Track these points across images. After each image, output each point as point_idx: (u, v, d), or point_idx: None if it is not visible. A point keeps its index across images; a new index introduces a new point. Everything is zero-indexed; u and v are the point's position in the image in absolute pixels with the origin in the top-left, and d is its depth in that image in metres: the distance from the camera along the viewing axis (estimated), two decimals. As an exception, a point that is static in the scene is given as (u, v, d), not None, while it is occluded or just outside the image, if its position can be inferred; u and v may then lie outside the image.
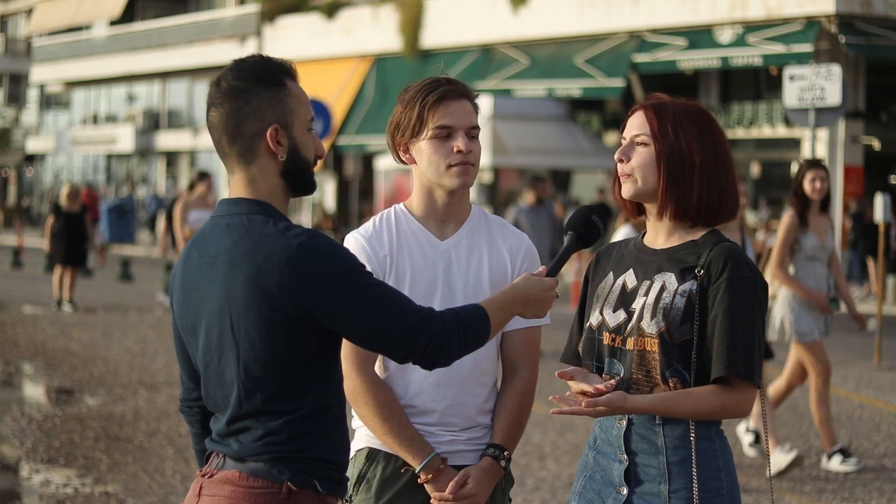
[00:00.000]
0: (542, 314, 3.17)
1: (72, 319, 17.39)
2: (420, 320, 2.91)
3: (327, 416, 2.96)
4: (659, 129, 3.33)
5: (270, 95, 2.97)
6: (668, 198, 3.32)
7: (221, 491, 2.95)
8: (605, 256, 3.51)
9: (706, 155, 3.32)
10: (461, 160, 3.52)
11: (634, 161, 3.35)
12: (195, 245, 3.02)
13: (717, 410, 3.24)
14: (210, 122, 3.01)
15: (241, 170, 2.99)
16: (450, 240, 3.60)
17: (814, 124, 15.43)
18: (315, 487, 2.94)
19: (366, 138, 32.85)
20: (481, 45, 31.66)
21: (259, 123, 2.96)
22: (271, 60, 3.03)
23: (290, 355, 2.90)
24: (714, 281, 3.26)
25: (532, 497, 7.74)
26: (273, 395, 2.91)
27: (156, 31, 44.57)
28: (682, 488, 3.27)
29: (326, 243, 2.89)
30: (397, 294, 2.95)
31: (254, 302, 2.88)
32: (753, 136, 28.29)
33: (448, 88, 3.53)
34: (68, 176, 52.18)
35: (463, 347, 2.98)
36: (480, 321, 3.01)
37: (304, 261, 2.86)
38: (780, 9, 25.71)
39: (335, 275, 2.87)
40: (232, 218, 2.96)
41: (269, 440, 2.92)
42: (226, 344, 2.93)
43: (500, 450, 3.54)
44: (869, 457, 9.21)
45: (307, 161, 3.02)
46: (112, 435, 9.53)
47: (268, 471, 2.92)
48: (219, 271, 2.94)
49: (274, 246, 2.87)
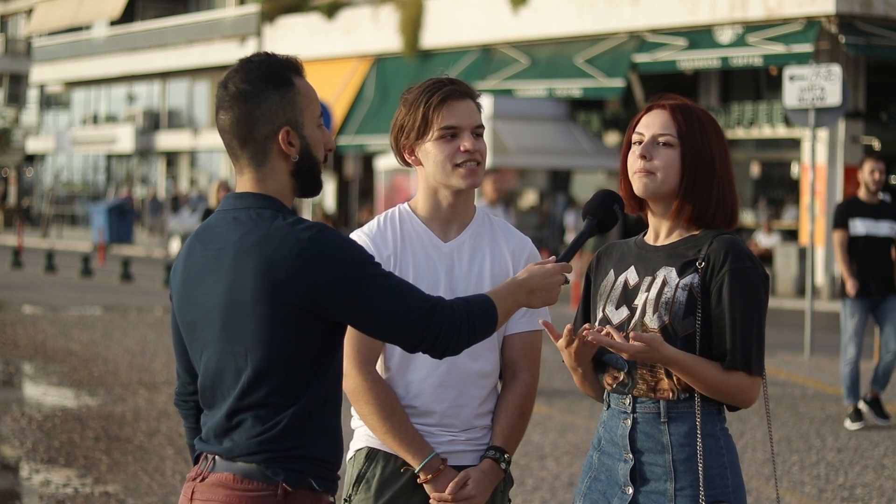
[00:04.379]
0: (551, 300, 3.18)
1: (72, 319, 17.39)
2: (429, 309, 2.92)
3: (324, 412, 2.96)
4: (687, 131, 3.33)
5: (280, 97, 2.96)
6: (686, 201, 3.33)
7: (215, 495, 2.92)
8: (606, 255, 3.52)
9: (722, 161, 3.35)
10: (468, 160, 3.52)
11: (659, 160, 3.34)
12: (199, 238, 3.01)
13: (730, 391, 3.26)
14: (220, 125, 3.00)
15: (252, 171, 2.99)
16: (453, 241, 3.60)
17: (814, 124, 15.43)
18: (311, 486, 2.93)
19: (366, 138, 32.85)
20: (481, 45, 31.66)
21: (270, 126, 2.96)
22: (277, 59, 3.01)
23: (296, 348, 2.90)
24: (716, 273, 3.27)
25: (532, 497, 7.74)
26: (276, 388, 2.91)
27: (156, 31, 44.57)
28: (688, 486, 3.27)
29: (336, 236, 2.90)
30: (407, 284, 2.96)
31: (263, 294, 2.87)
32: (753, 136, 28.28)
33: (451, 89, 3.53)
34: (68, 176, 52.21)
35: (472, 337, 3.00)
36: (489, 310, 3.02)
37: (316, 253, 2.86)
38: (780, 9, 25.71)
39: (346, 266, 2.88)
40: (239, 212, 2.96)
41: (264, 437, 2.90)
42: (231, 336, 2.92)
43: (501, 452, 3.54)
44: (869, 457, 9.21)
45: (317, 160, 3.03)
46: (112, 435, 9.53)
47: (262, 472, 2.90)
48: (224, 264, 2.93)
49: (285, 239, 2.87)
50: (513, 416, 3.58)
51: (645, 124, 3.39)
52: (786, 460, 8.99)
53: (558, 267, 3.18)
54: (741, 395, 3.27)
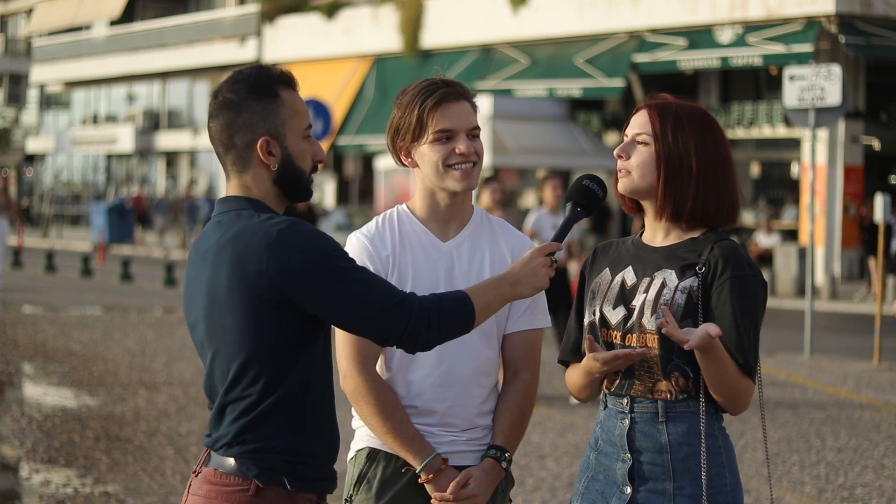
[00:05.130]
0: (541, 284, 3.19)
1: (72, 319, 17.39)
2: (397, 303, 2.97)
3: (308, 404, 3.03)
4: (660, 129, 3.34)
5: (262, 107, 3.05)
6: (665, 199, 3.34)
7: (201, 490, 3.05)
8: (602, 253, 3.53)
9: (704, 159, 3.34)
10: (463, 162, 3.52)
11: (634, 159, 3.37)
12: (194, 245, 3.15)
13: (739, 393, 3.24)
14: (209, 132, 3.13)
15: (236, 177, 3.10)
16: (452, 241, 3.60)
17: (814, 124, 15.42)
18: (283, 484, 3.00)
19: (366, 138, 32.86)
20: (481, 45, 31.67)
21: (250, 135, 3.06)
22: (266, 71, 3.11)
23: (274, 340, 2.98)
24: (717, 279, 3.27)
25: (532, 497, 7.74)
26: (254, 379, 2.99)
27: (156, 31, 44.58)
28: (686, 485, 3.28)
29: (306, 230, 2.97)
30: (376, 278, 3.01)
31: (235, 287, 2.97)
32: (753, 136, 28.29)
33: (446, 91, 3.52)
34: (68, 176, 52.22)
35: (444, 332, 3.04)
36: (462, 305, 3.05)
37: (283, 245, 2.94)
38: (780, 9, 25.72)
39: (313, 258, 2.94)
40: (223, 215, 3.08)
41: (239, 426, 3.00)
42: (215, 332, 3.03)
43: (501, 451, 3.54)
44: (869, 457, 9.21)
45: (301, 170, 3.10)
46: (112, 435, 9.53)
47: (237, 468, 3.00)
48: (207, 263, 3.04)
49: (255, 233, 2.97)
50: (513, 415, 3.58)
51: (630, 124, 3.42)
52: (786, 460, 8.99)
53: (536, 251, 3.20)
54: (746, 398, 3.28)
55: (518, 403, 3.59)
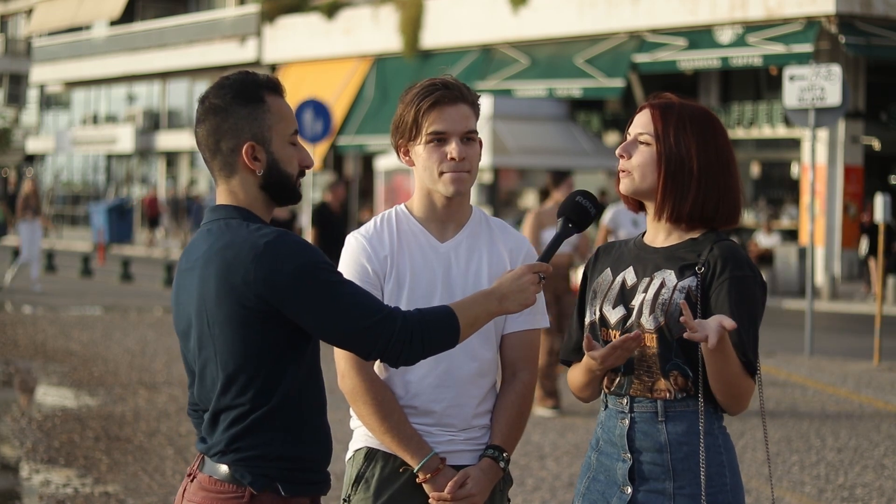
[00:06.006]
0: (528, 301, 3.20)
1: (72, 319, 17.39)
2: (381, 319, 2.99)
3: (299, 411, 3.05)
4: (662, 130, 3.34)
5: (247, 113, 3.07)
6: (664, 200, 3.34)
7: (196, 497, 3.06)
8: (605, 253, 3.53)
9: (706, 161, 3.34)
10: (454, 168, 3.51)
11: (635, 159, 3.37)
12: (184, 253, 3.16)
13: (742, 392, 3.24)
14: (196, 137, 3.15)
15: (223, 182, 3.12)
16: (450, 242, 3.59)
17: (814, 124, 15.42)
18: (277, 490, 3.02)
19: (366, 138, 32.85)
20: (481, 45, 31.66)
21: (235, 140, 3.07)
22: (252, 77, 3.12)
23: (261, 350, 3.00)
24: (716, 279, 3.27)
25: (532, 497, 7.74)
26: (244, 388, 3.01)
27: (156, 31, 44.56)
28: (686, 485, 3.28)
29: (293, 241, 2.99)
30: (361, 292, 3.02)
31: (223, 297, 2.99)
32: (753, 136, 28.28)
33: (443, 93, 3.51)
34: (68, 176, 52.20)
35: (427, 347, 3.05)
36: (446, 321, 3.07)
37: (269, 257, 2.95)
38: (780, 9, 25.71)
39: (298, 271, 2.96)
40: (211, 224, 3.09)
41: (232, 434, 3.02)
42: (205, 341, 3.05)
43: (500, 451, 3.54)
44: (869, 457, 9.21)
45: (287, 174, 3.11)
46: (112, 435, 9.53)
47: (231, 475, 3.02)
48: (196, 274, 3.06)
49: (243, 244, 2.98)
50: (512, 415, 3.58)
51: (632, 124, 3.42)
52: (786, 460, 8.99)
53: (526, 267, 3.20)
54: (747, 397, 3.28)
55: (517, 404, 3.59)
